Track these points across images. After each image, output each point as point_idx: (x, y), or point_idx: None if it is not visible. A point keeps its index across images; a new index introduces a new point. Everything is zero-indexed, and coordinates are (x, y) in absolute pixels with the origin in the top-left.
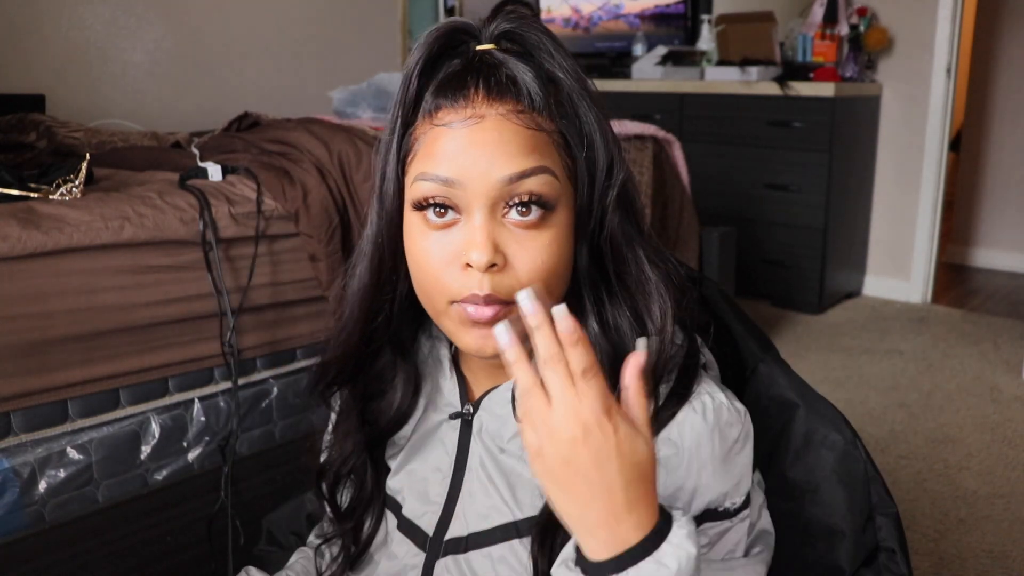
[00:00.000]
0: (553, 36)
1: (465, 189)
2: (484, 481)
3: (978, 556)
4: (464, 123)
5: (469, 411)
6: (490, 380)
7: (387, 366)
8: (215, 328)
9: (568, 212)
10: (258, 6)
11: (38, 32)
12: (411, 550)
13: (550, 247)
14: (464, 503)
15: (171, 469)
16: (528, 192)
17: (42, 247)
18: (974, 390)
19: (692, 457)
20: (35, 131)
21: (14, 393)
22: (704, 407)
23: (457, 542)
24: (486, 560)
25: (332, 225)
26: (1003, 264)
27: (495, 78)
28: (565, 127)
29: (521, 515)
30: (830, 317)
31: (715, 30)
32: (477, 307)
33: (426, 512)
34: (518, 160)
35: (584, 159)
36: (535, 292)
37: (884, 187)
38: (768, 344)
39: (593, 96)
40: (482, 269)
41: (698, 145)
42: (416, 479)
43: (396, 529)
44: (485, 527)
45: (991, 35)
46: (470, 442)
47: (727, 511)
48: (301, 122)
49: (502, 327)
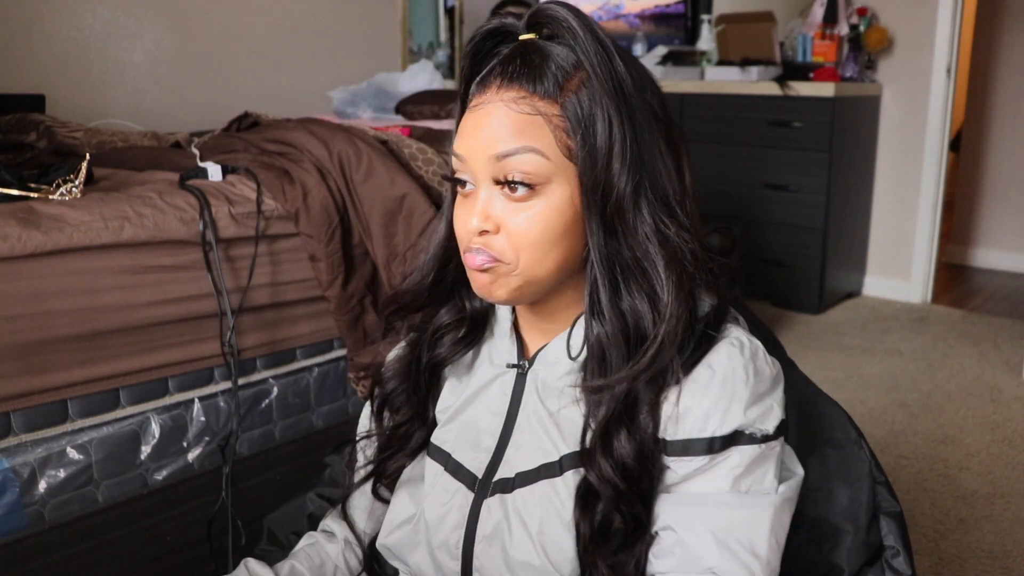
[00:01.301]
0: (584, 18)
1: (470, 164)
2: (534, 426)
3: (978, 556)
4: (475, 109)
5: (525, 365)
6: (543, 339)
7: (452, 312)
8: (215, 328)
9: (564, 188)
10: (258, 6)
11: (38, 32)
12: (460, 491)
13: (536, 218)
14: (513, 448)
15: (171, 469)
16: (513, 170)
17: (42, 247)
18: (974, 390)
19: (726, 382)
20: (35, 131)
21: (14, 393)
22: (742, 344)
23: (505, 483)
24: (529, 496)
25: (332, 225)
26: (1003, 264)
27: (512, 67)
28: (567, 111)
29: (566, 449)
30: (830, 317)
31: (715, 30)
32: (471, 255)
33: (476, 457)
34: (505, 142)
35: (581, 140)
36: None
37: (884, 187)
38: (775, 343)
39: (613, 80)
40: (475, 233)
41: (698, 145)
42: (468, 428)
43: (444, 473)
44: (531, 466)
45: (991, 35)
46: (523, 394)
47: (753, 436)
48: (301, 122)
49: None
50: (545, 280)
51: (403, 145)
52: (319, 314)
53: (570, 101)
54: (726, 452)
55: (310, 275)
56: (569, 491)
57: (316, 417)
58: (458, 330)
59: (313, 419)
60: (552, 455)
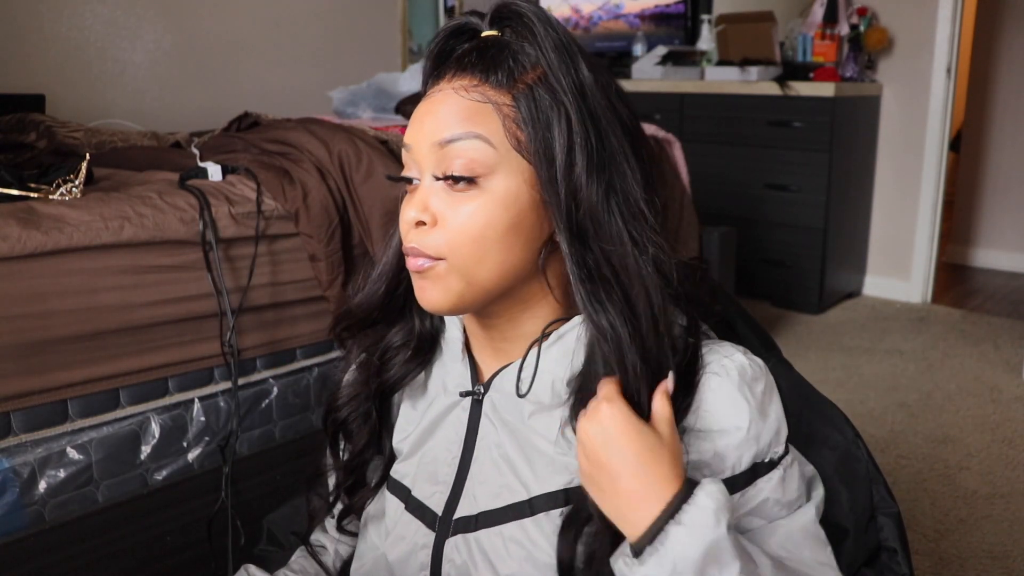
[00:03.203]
0: (547, 18)
1: (415, 154)
2: (496, 459)
3: (978, 556)
4: (426, 99)
5: (479, 391)
6: (498, 362)
7: (402, 333)
8: (215, 328)
9: (510, 181)
10: (258, 6)
11: (38, 32)
12: (420, 530)
13: (477, 212)
14: (473, 482)
15: (171, 469)
16: (456, 158)
17: (42, 247)
18: (974, 390)
19: (728, 418)
20: (35, 131)
21: (14, 393)
22: (726, 370)
23: (467, 521)
24: (496, 538)
25: (332, 225)
26: (1003, 264)
27: (468, 59)
28: (520, 102)
29: (538, 490)
30: (830, 317)
31: (715, 30)
32: (409, 258)
33: (435, 492)
34: (450, 127)
35: (534, 134)
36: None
37: (884, 187)
38: (771, 344)
39: (573, 81)
40: (410, 225)
41: (698, 145)
42: (426, 461)
43: (405, 511)
44: (496, 506)
45: (991, 35)
46: (480, 422)
47: (772, 461)
48: (301, 122)
49: None
50: (488, 284)
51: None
52: (319, 314)
53: (523, 94)
54: (754, 487)
55: (310, 275)
56: (543, 532)
57: (316, 417)
58: (406, 351)
59: (313, 419)
60: (520, 494)
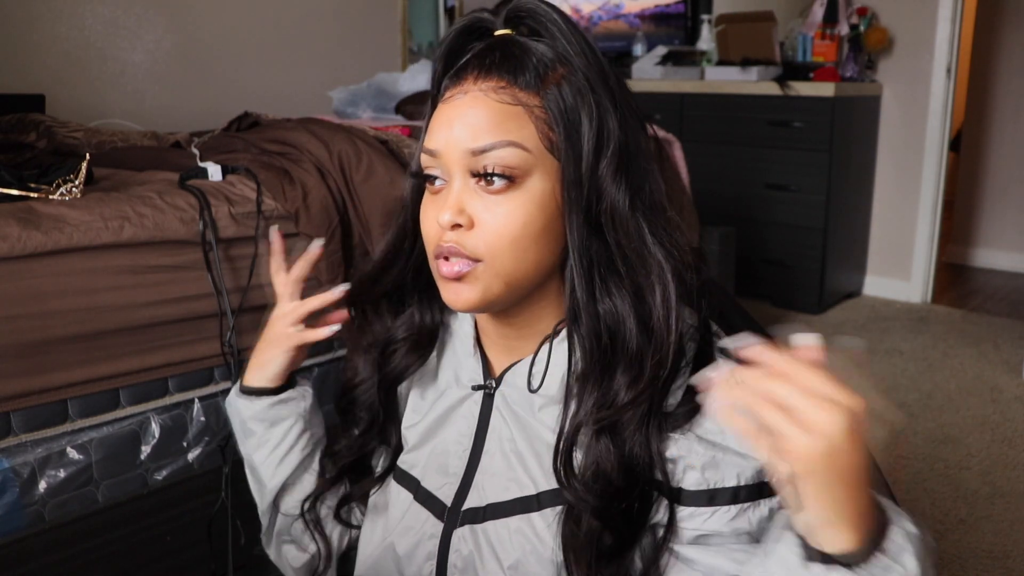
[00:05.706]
0: (565, 16)
1: (443, 159)
2: (506, 453)
3: (978, 556)
4: (451, 100)
5: (491, 385)
6: (509, 358)
7: (405, 326)
8: (215, 328)
9: (545, 182)
10: (258, 6)
11: (38, 32)
12: (429, 520)
13: (514, 212)
14: (483, 474)
15: (171, 469)
16: (492, 163)
17: (42, 247)
18: (974, 390)
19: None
20: (35, 131)
21: (14, 393)
22: None
23: (475, 512)
24: (503, 530)
25: (332, 225)
26: (1003, 264)
27: (490, 59)
28: (549, 103)
29: (546, 486)
30: (830, 317)
31: (715, 30)
32: (447, 264)
33: (445, 484)
34: (484, 134)
35: (564, 134)
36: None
37: (884, 187)
38: None
39: (601, 76)
40: (446, 228)
41: (698, 145)
42: (436, 453)
43: (414, 502)
44: (504, 498)
45: (991, 35)
46: (491, 416)
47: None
48: (301, 122)
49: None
50: (523, 282)
51: (403, 145)
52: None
53: (551, 94)
54: (756, 503)
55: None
56: (549, 527)
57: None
58: (407, 344)
59: None
60: (528, 488)
